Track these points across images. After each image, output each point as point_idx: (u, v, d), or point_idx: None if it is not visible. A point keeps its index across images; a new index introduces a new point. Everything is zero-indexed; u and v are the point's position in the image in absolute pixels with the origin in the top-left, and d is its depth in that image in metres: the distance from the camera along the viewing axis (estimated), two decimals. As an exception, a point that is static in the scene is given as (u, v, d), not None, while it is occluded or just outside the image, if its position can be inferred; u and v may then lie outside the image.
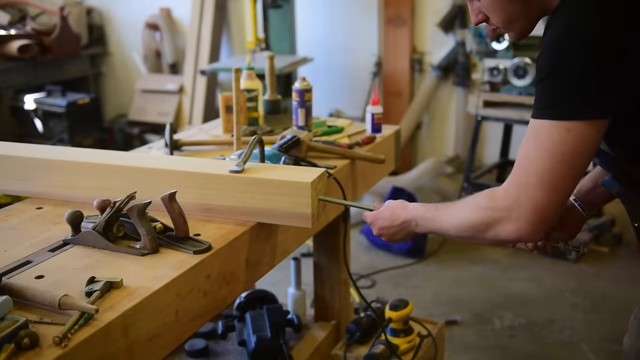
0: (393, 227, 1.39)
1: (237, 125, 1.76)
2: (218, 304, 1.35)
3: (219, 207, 1.45)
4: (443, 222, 1.28)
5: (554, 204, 1.12)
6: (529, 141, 1.15)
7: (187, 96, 5.05)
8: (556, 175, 1.11)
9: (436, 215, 1.30)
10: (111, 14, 5.68)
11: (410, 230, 1.37)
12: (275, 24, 4.27)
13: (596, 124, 1.10)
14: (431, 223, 1.31)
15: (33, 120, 5.06)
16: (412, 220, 1.35)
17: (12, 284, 1.12)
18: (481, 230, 1.20)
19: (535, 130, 1.14)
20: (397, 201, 1.42)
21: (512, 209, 1.14)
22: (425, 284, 3.40)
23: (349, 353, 2.09)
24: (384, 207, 1.43)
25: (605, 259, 3.59)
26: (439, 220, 1.29)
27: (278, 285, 2.89)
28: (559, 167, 1.11)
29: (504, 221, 1.15)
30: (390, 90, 4.78)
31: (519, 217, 1.13)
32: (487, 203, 1.19)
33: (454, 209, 1.27)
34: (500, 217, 1.16)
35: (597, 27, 1.09)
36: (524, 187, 1.13)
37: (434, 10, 4.54)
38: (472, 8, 1.31)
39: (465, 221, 1.22)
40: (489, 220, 1.17)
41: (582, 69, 1.09)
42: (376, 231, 1.43)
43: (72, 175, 1.55)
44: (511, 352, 2.78)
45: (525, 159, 1.14)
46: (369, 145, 2.05)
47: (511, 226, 1.14)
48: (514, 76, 3.64)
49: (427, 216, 1.32)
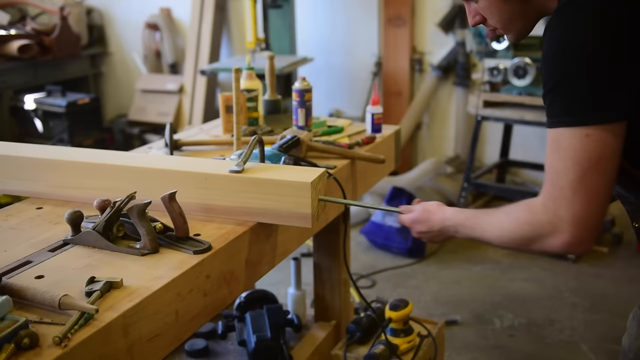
0: (432, 231, 1.40)
1: (237, 125, 1.76)
2: (218, 304, 1.35)
3: (219, 207, 1.45)
4: (484, 232, 1.28)
5: (594, 211, 1.11)
6: (552, 153, 1.13)
7: (187, 96, 5.05)
8: (588, 183, 1.10)
9: (476, 224, 1.30)
10: (111, 14, 5.69)
11: (450, 235, 1.38)
12: (275, 24, 4.27)
13: (613, 127, 1.08)
14: (470, 231, 1.32)
15: (33, 120, 5.06)
16: (451, 227, 1.35)
17: (12, 284, 1.12)
18: (525, 244, 1.20)
19: (555, 141, 1.12)
20: (432, 204, 1.42)
21: (555, 223, 1.13)
22: (425, 284, 3.40)
23: (349, 353, 2.09)
24: (420, 209, 1.43)
25: (605, 259, 3.59)
26: (479, 229, 1.29)
27: (278, 285, 2.89)
28: (588, 175, 1.09)
29: (550, 236, 1.14)
30: (390, 90, 4.78)
31: (564, 230, 1.12)
32: (527, 218, 1.18)
33: (494, 220, 1.26)
34: (544, 232, 1.15)
35: (600, 28, 1.08)
36: (560, 200, 1.12)
37: (434, 10, 4.54)
38: (469, 10, 1.31)
39: (507, 234, 1.22)
40: (533, 236, 1.17)
41: (589, 72, 1.08)
42: (415, 234, 1.46)
43: (72, 175, 1.55)
44: (511, 352, 2.78)
45: (553, 172, 1.13)
46: (369, 145, 2.05)
47: (558, 240, 1.14)
48: (514, 76, 3.64)
49: (467, 224, 1.32)
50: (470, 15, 1.31)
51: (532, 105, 3.66)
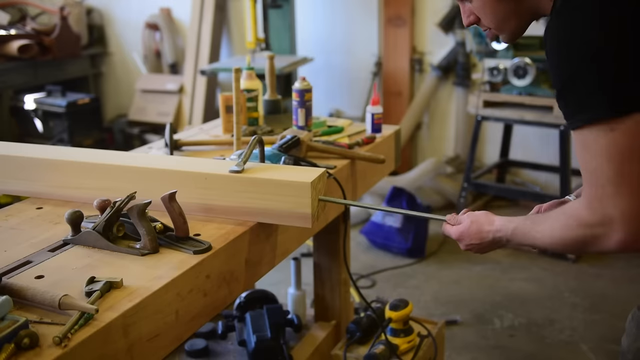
0: (483, 244, 1.37)
1: (237, 125, 1.76)
2: (218, 304, 1.35)
3: (219, 207, 1.45)
4: (535, 240, 1.26)
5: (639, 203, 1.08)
6: (583, 155, 1.11)
7: (187, 96, 5.06)
8: (627, 176, 1.07)
9: (526, 233, 1.27)
10: (111, 14, 5.69)
11: (500, 245, 1.36)
12: (275, 24, 4.27)
13: (635, 115, 1.06)
14: (522, 239, 1.30)
15: (33, 120, 5.06)
16: (503, 238, 1.33)
17: (12, 284, 1.12)
18: (580, 247, 1.18)
19: (581, 141, 1.11)
20: (481, 214, 1.39)
21: (606, 223, 1.11)
22: (425, 284, 3.40)
23: (349, 353, 2.09)
24: (468, 221, 1.39)
25: (605, 259, 3.59)
26: (530, 238, 1.27)
27: (278, 285, 2.89)
28: (624, 168, 1.07)
29: (604, 237, 1.12)
30: (390, 90, 4.78)
31: (617, 229, 1.10)
32: (577, 221, 1.15)
33: (544, 227, 1.23)
34: (598, 233, 1.12)
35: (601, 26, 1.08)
36: (604, 199, 1.10)
37: (434, 10, 4.54)
38: (464, 10, 1.30)
39: (560, 240, 1.20)
40: (587, 239, 1.15)
41: (597, 69, 1.07)
42: (464, 247, 1.41)
43: (72, 175, 1.56)
44: (511, 352, 2.78)
45: (590, 174, 1.11)
46: (369, 145, 2.05)
47: (613, 240, 1.11)
48: (514, 76, 3.64)
49: (517, 234, 1.30)
50: (464, 15, 1.31)
51: (532, 105, 3.66)
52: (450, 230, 1.43)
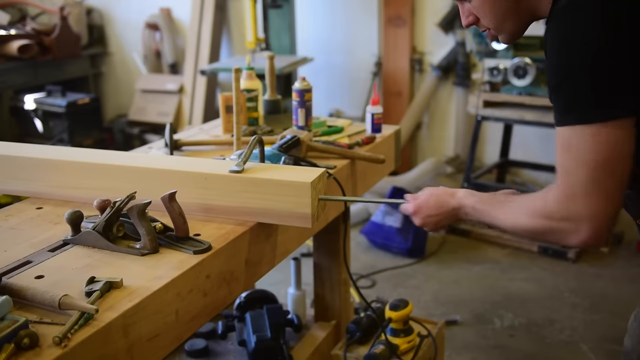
0: (440, 214, 1.37)
1: (237, 125, 1.76)
2: (218, 304, 1.35)
3: (219, 207, 1.45)
4: (496, 219, 1.28)
5: (606, 208, 1.12)
6: (562, 152, 1.14)
7: (187, 96, 5.06)
8: (598, 182, 1.10)
9: (489, 210, 1.29)
10: (111, 14, 5.69)
11: (458, 218, 1.36)
12: (275, 24, 4.27)
13: (622, 123, 1.08)
14: (482, 216, 1.31)
15: (33, 120, 5.06)
16: (461, 208, 1.34)
17: (12, 284, 1.12)
18: (540, 236, 1.21)
19: (562, 139, 1.13)
20: (440, 188, 1.40)
21: (569, 219, 1.14)
22: (425, 284, 3.39)
23: (349, 353, 2.09)
24: (426, 195, 1.40)
25: (605, 259, 3.59)
26: (492, 215, 1.28)
27: (278, 285, 2.89)
28: (597, 174, 1.10)
29: (564, 232, 1.16)
30: (390, 90, 4.78)
31: (578, 228, 1.13)
32: (542, 211, 1.18)
33: (509, 210, 1.26)
34: (558, 227, 1.16)
35: (603, 26, 1.08)
36: (572, 198, 1.13)
37: (434, 10, 4.54)
38: (463, 10, 1.31)
39: (521, 226, 1.22)
40: (548, 230, 1.18)
41: (594, 69, 1.08)
42: (420, 221, 1.41)
43: (72, 175, 1.55)
44: (511, 352, 2.78)
45: (565, 172, 1.14)
46: (369, 145, 2.05)
47: (572, 237, 1.15)
48: (514, 76, 3.64)
49: (478, 208, 1.31)
50: (463, 15, 1.32)
51: (532, 105, 3.66)
52: (408, 205, 1.43)
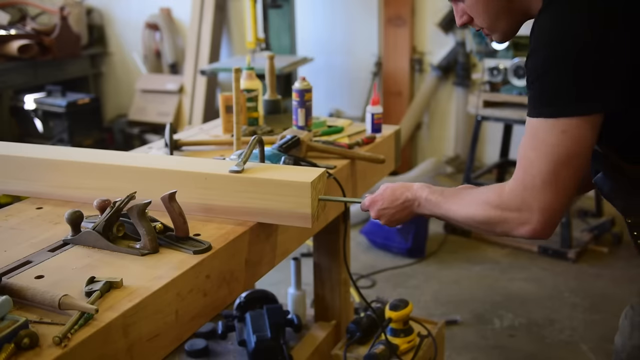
0: (393, 207, 1.38)
1: (237, 125, 1.76)
2: (218, 304, 1.35)
3: (219, 207, 1.45)
4: (449, 211, 1.29)
5: (560, 203, 1.14)
6: (528, 141, 1.16)
7: (187, 96, 5.06)
8: (558, 176, 1.13)
9: (442, 201, 1.31)
10: (111, 14, 5.69)
11: (412, 211, 1.37)
12: (275, 24, 4.27)
13: (591, 119, 1.11)
14: (435, 207, 1.32)
15: (33, 120, 5.07)
16: (415, 200, 1.35)
17: (12, 284, 1.12)
18: (490, 227, 1.23)
19: (532, 130, 1.15)
20: (396, 183, 1.42)
21: (522, 210, 1.16)
22: (425, 284, 3.39)
23: (349, 353, 2.09)
24: (382, 188, 1.42)
25: (605, 259, 3.59)
26: (444, 207, 1.30)
27: (278, 285, 2.89)
28: (559, 169, 1.12)
29: (515, 222, 1.18)
30: (390, 90, 4.78)
31: (529, 219, 1.16)
32: (495, 201, 1.20)
33: (462, 201, 1.27)
34: (510, 217, 1.18)
35: (584, 22, 1.10)
36: (530, 189, 1.15)
37: (434, 10, 4.54)
38: (457, 9, 1.32)
39: (473, 216, 1.24)
40: (499, 220, 1.20)
41: (576, 64, 1.09)
42: (375, 213, 1.42)
43: (72, 175, 1.56)
44: (511, 352, 2.78)
45: (526, 160, 1.16)
46: (369, 145, 2.05)
47: (522, 227, 1.17)
48: (514, 76, 3.64)
49: (431, 199, 1.32)
50: (457, 15, 1.33)
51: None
52: (364, 202, 1.45)
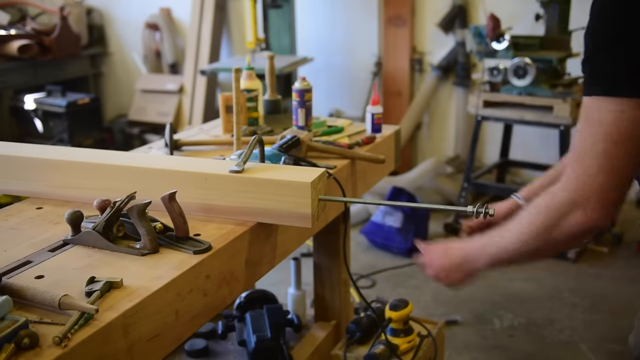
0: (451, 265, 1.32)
1: (237, 125, 1.76)
2: (218, 304, 1.35)
3: (219, 207, 1.45)
4: (507, 247, 1.20)
5: (616, 186, 1.08)
6: (584, 126, 1.10)
7: (187, 96, 5.06)
8: (614, 162, 1.06)
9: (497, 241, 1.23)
10: (111, 14, 5.69)
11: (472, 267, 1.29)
12: (275, 24, 4.27)
13: None
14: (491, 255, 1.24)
15: (33, 120, 5.07)
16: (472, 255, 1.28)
17: (12, 284, 1.12)
18: (548, 232, 1.14)
19: (589, 110, 1.09)
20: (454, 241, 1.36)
21: (575, 200, 1.09)
22: (425, 284, 3.39)
23: (349, 353, 2.09)
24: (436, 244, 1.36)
25: (605, 259, 3.59)
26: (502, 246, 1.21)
27: (278, 285, 2.89)
28: (615, 153, 1.06)
29: (570, 214, 1.10)
30: (390, 90, 4.78)
31: (584, 207, 1.09)
32: (547, 202, 1.14)
33: (512, 225, 1.20)
34: (564, 211, 1.11)
35: None
36: (584, 176, 1.08)
37: (434, 10, 4.54)
38: None
39: (527, 230, 1.16)
40: (554, 218, 1.12)
41: (636, 40, 1.03)
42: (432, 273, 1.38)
43: (72, 175, 1.55)
44: (511, 352, 2.78)
45: (581, 145, 1.10)
46: (369, 145, 2.05)
47: (579, 217, 1.09)
48: (514, 76, 3.64)
49: (485, 242, 1.25)
50: None
51: (532, 105, 3.67)
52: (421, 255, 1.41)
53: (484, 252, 1.26)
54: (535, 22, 3.82)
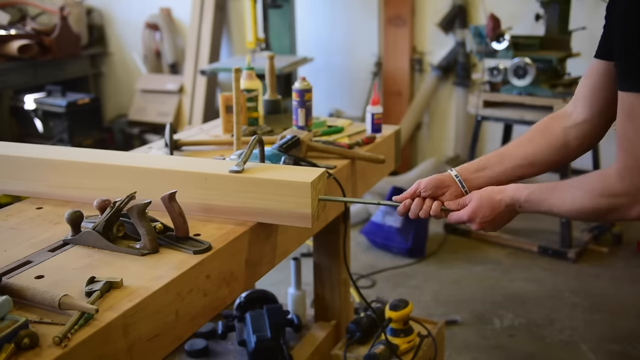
0: (496, 215, 1.35)
1: (237, 125, 1.76)
2: (218, 304, 1.35)
3: (219, 207, 1.45)
4: (553, 206, 1.26)
5: None
6: (625, 121, 1.11)
7: (187, 96, 5.06)
8: None
9: (544, 199, 1.28)
10: (111, 14, 5.69)
11: (513, 214, 1.35)
12: (275, 24, 4.27)
13: None
14: (537, 206, 1.29)
15: (33, 120, 5.07)
16: (515, 203, 1.32)
17: (12, 284, 1.12)
18: (600, 216, 1.21)
19: (629, 106, 1.10)
20: (486, 189, 1.38)
21: (632, 193, 1.13)
22: (425, 284, 3.39)
23: (349, 353, 2.09)
24: (477, 196, 1.37)
25: (605, 259, 3.59)
26: (547, 204, 1.27)
27: (278, 285, 2.89)
28: None
29: (628, 207, 1.14)
30: (390, 90, 4.78)
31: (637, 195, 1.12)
32: (602, 189, 1.17)
33: (566, 194, 1.24)
34: (622, 203, 1.15)
35: None
36: (636, 169, 1.11)
37: (434, 10, 4.54)
38: None
39: (581, 208, 1.21)
40: (608, 208, 1.17)
41: None
42: (477, 226, 1.38)
43: (72, 175, 1.56)
44: (511, 352, 2.78)
45: (627, 140, 1.12)
46: (369, 145, 2.05)
47: (634, 210, 1.14)
48: (514, 76, 3.64)
49: (532, 199, 1.30)
50: None
51: (532, 105, 3.66)
52: (459, 214, 1.40)
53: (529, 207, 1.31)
54: (535, 22, 3.82)
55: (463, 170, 1.47)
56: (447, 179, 1.45)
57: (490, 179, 1.45)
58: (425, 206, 1.43)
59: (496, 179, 1.45)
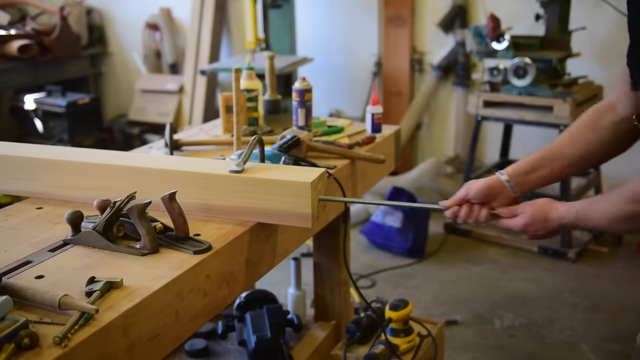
0: (546, 232, 1.39)
1: (237, 125, 1.76)
2: (218, 304, 1.35)
3: (219, 207, 1.45)
4: (594, 221, 1.29)
5: None
6: None
7: (187, 96, 5.06)
8: None
9: (586, 214, 1.31)
10: (111, 14, 5.69)
11: (563, 228, 1.38)
12: (275, 24, 4.27)
13: None
14: (583, 223, 1.33)
15: (33, 120, 5.07)
16: (568, 222, 1.35)
17: (12, 284, 1.12)
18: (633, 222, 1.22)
19: None
20: (541, 202, 1.40)
21: None
22: (425, 284, 3.40)
23: (349, 353, 2.09)
24: (529, 211, 1.40)
25: (605, 259, 3.59)
26: (589, 219, 1.30)
27: (278, 285, 2.89)
28: None
29: None
30: (390, 90, 4.78)
31: None
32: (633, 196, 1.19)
33: (601, 205, 1.27)
34: None
35: None
36: None
37: (434, 10, 4.54)
38: None
39: (614, 217, 1.24)
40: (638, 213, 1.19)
41: None
42: (529, 236, 1.42)
43: (72, 175, 1.55)
44: (511, 352, 2.78)
45: None
46: (369, 145, 2.05)
47: None
48: (514, 76, 3.64)
49: (580, 218, 1.33)
50: None
51: (532, 105, 3.67)
52: (511, 223, 1.43)
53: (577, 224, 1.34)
54: (535, 22, 3.81)
55: (513, 173, 1.48)
56: (497, 185, 1.47)
57: (542, 180, 1.48)
58: (474, 213, 1.45)
59: (548, 180, 1.48)
